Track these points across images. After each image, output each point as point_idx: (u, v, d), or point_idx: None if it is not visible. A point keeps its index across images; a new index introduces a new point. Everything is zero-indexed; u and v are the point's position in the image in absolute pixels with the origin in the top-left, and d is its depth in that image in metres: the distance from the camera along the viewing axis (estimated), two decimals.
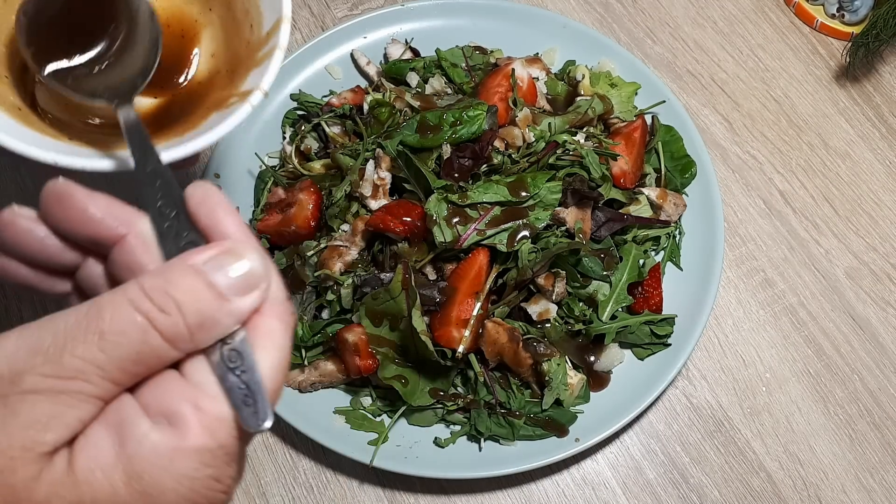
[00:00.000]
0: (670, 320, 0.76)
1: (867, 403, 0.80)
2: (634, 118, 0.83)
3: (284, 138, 0.86)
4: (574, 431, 0.73)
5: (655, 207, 0.79)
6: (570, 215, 0.74)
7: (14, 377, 0.31)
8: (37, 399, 0.31)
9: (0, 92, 0.50)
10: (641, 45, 0.95)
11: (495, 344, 0.71)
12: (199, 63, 0.58)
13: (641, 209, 0.79)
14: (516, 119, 0.78)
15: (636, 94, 0.85)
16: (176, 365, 0.34)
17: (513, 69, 0.80)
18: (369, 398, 0.76)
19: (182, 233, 0.36)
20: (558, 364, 0.72)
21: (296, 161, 0.82)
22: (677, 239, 0.81)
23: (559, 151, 0.76)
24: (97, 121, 0.54)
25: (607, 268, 0.75)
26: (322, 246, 0.76)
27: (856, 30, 0.93)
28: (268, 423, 0.33)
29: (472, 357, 0.72)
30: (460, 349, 0.69)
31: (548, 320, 0.73)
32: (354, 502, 0.76)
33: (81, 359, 0.31)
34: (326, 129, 0.82)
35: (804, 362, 0.81)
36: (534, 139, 0.77)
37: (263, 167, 0.84)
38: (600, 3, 0.97)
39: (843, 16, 0.94)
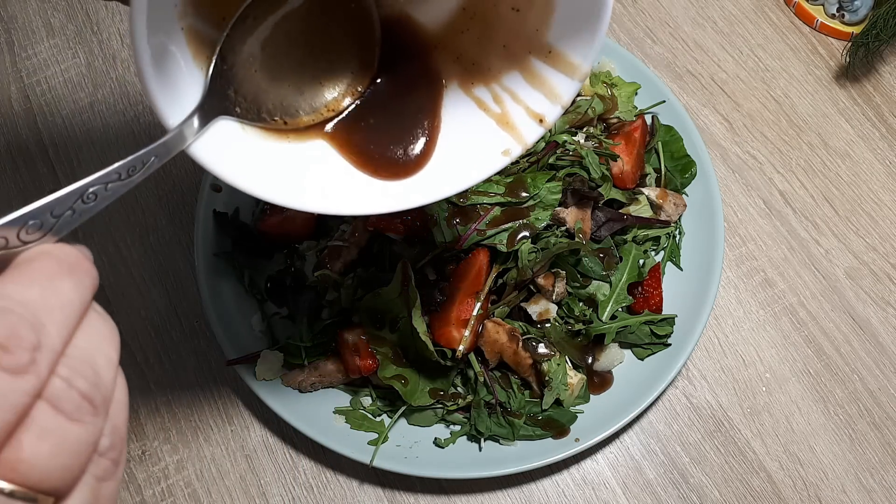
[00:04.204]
0: (670, 320, 0.76)
1: (867, 403, 0.80)
2: (634, 118, 0.83)
3: None
4: (574, 431, 0.73)
5: (655, 207, 0.79)
6: (570, 215, 0.74)
7: None
8: None
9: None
10: (641, 45, 0.95)
11: (495, 344, 0.71)
12: None
13: (641, 209, 0.79)
14: None
15: (636, 94, 0.85)
16: None
17: None
18: (369, 398, 0.76)
19: None
20: (558, 364, 0.72)
21: None
22: (677, 239, 0.81)
23: (559, 151, 0.76)
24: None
25: (607, 268, 0.75)
26: (322, 246, 0.76)
27: (856, 30, 0.93)
28: None
29: (472, 357, 0.72)
30: (460, 349, 0.69)
31: (548, 320, 0.73)
32: (354, 502, 0.76)
33: None
34: None
35: (804, 362, 0.81)
36: None
37: None
38: None
39: (843, 16, 0.94)
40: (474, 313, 0.70)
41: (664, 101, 0.84)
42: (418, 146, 0.50)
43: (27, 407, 0.28)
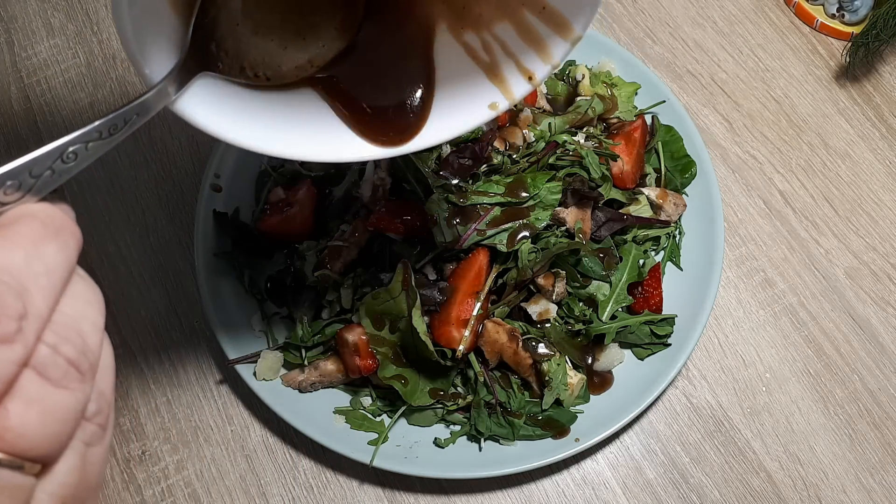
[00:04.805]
0: (670, 320, 0.76)
1: (867, 403, 0.80)
2: (634, 118, 0.83)
3: None
4: (574, 431, 0.73)
5: (655, 207, 0.79)
6: (570, 215, 0.74)
7: None
8: None
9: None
10: (641, 45, 0.95)
11: (495, 344, 0.71)
12: None
13: (641, 209, 0.79)
14: (517, 119, 0.78)
15: (636, 94, 0.85)
16: None
17: None
18: (369, 398, 0.76)
19: None
20: (558, 364, 0.72)
21: (296, 161, 0.82)
22: (677, 239, 0.81)
23: (559, 151, 0.76)
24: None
25: (607, 268, 0.75)
26: (322, 246, 0.76)
27: (856, 30, 0.93)
28: None
29: (472, 357, 0.72)
30: (460, 349, 0.69)
31: (548, 320, 0.73)
32: (354, 502, 0.76)
33: None
34: None
35: (804, 362, 0.81)
36: (534, 139, 0.77)
37: (264, 167, 0.84)
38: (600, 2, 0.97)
39: (843, 16, 0.94)
40: (474, 313, 0.70)
41: (664, 101, 0.84)
42: (414, 110, 0.49)
43: (14, 375, 0.28)
